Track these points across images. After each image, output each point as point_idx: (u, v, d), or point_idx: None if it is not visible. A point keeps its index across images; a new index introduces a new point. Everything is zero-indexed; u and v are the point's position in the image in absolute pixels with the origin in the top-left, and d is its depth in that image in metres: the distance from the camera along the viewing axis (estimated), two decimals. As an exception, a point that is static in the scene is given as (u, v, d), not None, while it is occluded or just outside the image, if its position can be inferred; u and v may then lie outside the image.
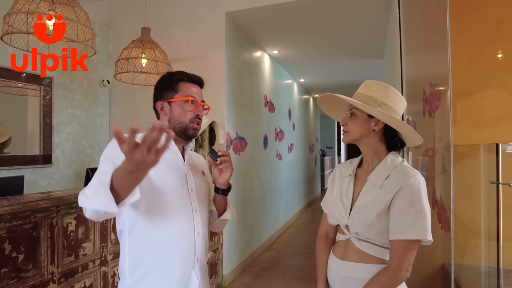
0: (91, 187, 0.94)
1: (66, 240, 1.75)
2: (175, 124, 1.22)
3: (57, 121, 3.32)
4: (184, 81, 1.25)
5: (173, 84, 1.24)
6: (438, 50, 1.89)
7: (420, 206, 1.09)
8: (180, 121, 1.22)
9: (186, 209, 1.19)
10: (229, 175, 1.25)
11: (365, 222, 1.15)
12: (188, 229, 1.18)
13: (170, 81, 1.25)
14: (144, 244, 1.13)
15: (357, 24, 3.90)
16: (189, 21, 3.62)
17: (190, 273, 1.18)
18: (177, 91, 1.23)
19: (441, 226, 1.72)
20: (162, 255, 1.13)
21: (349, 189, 1.25)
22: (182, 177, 1.21)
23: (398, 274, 1.09)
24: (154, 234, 1.13)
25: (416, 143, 1.24)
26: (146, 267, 1.12)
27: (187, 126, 1.22)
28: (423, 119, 2.11)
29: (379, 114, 1.15)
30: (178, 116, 1.22)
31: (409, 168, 1.16)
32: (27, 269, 1.55)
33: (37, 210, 1.57)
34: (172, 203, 1.16)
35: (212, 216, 1.36)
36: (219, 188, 1.28)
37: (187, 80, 1.25)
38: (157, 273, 1.12)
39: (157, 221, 1.13)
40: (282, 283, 3.52)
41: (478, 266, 2.17)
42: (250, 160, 4.24)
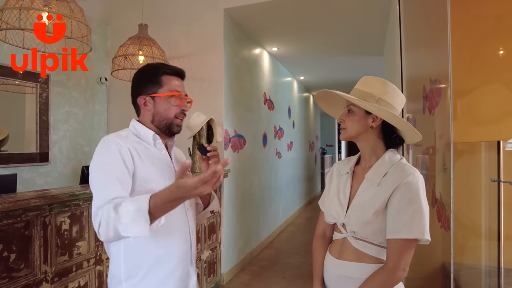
0: (127, 215, 0.93)
1: (59, 239, 1.72)
2: (160, 120, 1.19)
3: (54, 118, 3.29)
4: (167, 74, 1.20)
5: (157, 77, 1.18)
6: (439, 46, 1.86)
7: (418, 204, 1.06)
8: (165, 117, 1.18)
9: (181, 210, 1.18)
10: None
11: (361, 221, 1.12)
12: (183, 226, 1.19)
13: (153, 74, 1.19)
14: (142, 247, 1.11)
15: (357, 20, 3.86)
16: (187, 17, 3.58)
17: (188, 269, 1.20)
18: (162, 85, 1.18)
19: (441, 225, 1.70)
20: (163, 256, 1.13)
21: (346, 187, 1.23)
22: (172, 174, 1.19)
23: (395, 274, 1.07)
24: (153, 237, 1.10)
25: (415, 140, 1.21)
26: (146, 269, 1.11)
27: (172, 122, 1.19)
28: (423, 116, 2.08)
29: (377, 110, 1.12)
30: (163, 111, 1.18)
31: (407, 165, 1.14)
32: (19, 269, 1.52)
33: (28, 209, 1.54)
34: None
35: (198, 208, 1.36)
36: None
37: (171, 73, 1.21)
38: (158, 274, 1.12)
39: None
40: (281, 282, 3.50)
41: (479, 265, 2.14)
42: (249, 158, 4.22)
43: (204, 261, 3.03)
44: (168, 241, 1.14)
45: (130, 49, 2.87)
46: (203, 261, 3.01)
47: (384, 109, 1.12)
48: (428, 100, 1.92)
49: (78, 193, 1.77)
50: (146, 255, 1.11)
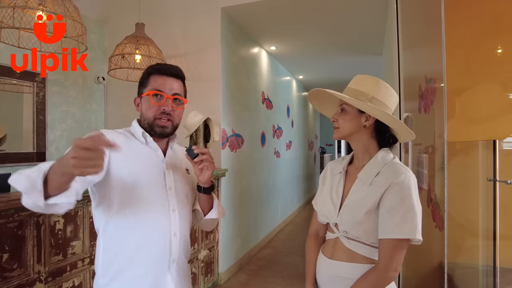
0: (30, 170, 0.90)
1: (53, 238, 1.72)
2: (144, 120, 1.17)
3: (51, 118, 3.28)
4: (154, 74, 1.17)
5: (145, 78, 1.18)
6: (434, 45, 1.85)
7: (410, 204, 1.05)
8: (146, 117, 1.16)
9: (163, 208, 1.12)
10: (209, 174, 1.16)
11: (353, 220, 1.12)
12: (164, 229, 1.12)
13: (143, 76, 1.19)
14: (116, 244, 1.09)
15: (356, 19, 3.85)
16: (185, 16, 3.57)
17: (165, 276, 1.12)
18: (146, 85, 1.17)
19: (435, 224, 1.69)
20: (134, 256, 1.08)
21: (339, 186, 1.22)
22: (159, 174, 1.15)
23: (387, 274, 1.06)
24: (127, 234, 1.08)
25: (408, 139, 1.20)
26: (117, 268, 1.08)
27: (153, 123, 1.15)
28: (419, 115, 2.07)
29: (370, 109, 1.11)
30: (144, 111, 1.16)
31: (399, 165, 1.13)
32: (12, 269, 1.52)
33: (21, 209, 1.53)
34: (147, 202, 1.10)
35: (198, 215, 1.28)
36: (200, 186, 1.20)
37: (156, 72, 1.17)
38: (128, 275, 1.07)
39: (130, 221, 1.08)
40: (279, 281, 3.49)
41: (476, 265, 2.14)
42: (247, 158, 4.21)
43: (202, 260, 3.02)
44: (141, 243, 1.08)
45: (127, 48, 2.86)
46: (200, 261, 3.00)
47: (377, 108, 1.11)
48: (424, 99, 1.91)
49: (72, 192, 1.76)
50: (119, 253, 1.08)
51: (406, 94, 2.64)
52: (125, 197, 1.07)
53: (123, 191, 1.07)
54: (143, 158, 1.15)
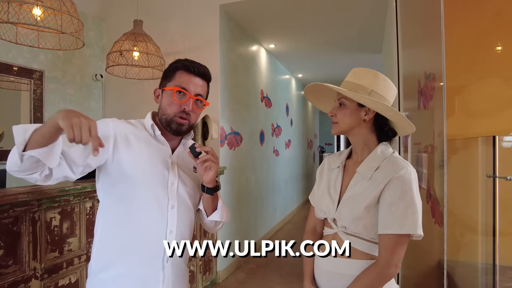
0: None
1: (49, 235, 1.70)
2: (162, 114, 1.15)
3: (49, 115, 3.26)
4: (180, 70, 1.15)
5: (171, 71, 1.16)
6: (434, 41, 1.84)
7: (410, 199, 1.04)
8: (165, 112, 1.14)
9: (161, 204, 1.10)
10: (213, 174, 1.13)
11: (353, 216, 1.10)
12: (159, 225, 1.09)
13: (169, 68, 1.17)
14: (112, 233, 1.09)
15: (355, 17, 3.84)
16: (183, 13, 3.56)
17: (157, 273, 1.10)
18: (171, 79, 1.15)
19: (435, 220, 1.67)
20: (125, 249, 1.07)
21: (337, 181, 1.20)
22: (163, 169, 1.13)
23: (387, 270, 1.04)
24: (122, 224, 1.08)
25: (408, 132, 1.18)
26: (109, 258, 1.08)
27: (171, 119, 1.13)
28: (418, 111, 2.06)
29: (371, 102, 1.09)
30: (165, 106, 1.14)
31: (399, 159, 1.11)
32: (7, 265, 1.50)
33: (16, 204, 1.51)
34: (145, 196, 1.09)
35: (201, 215, 1.25)
36: (204, 185, 1.17)
37: (184, 69, 1.15)
38: (119, 266, 1.07)
39: (127, 212, 1.08)
40: (277, 279, 3.48)
41: (475, 262, 2.13)
42: (246, 156, 4.19)
43: (200, 259, 3.01)
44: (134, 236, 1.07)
45: (125, 45, 2.85)
46: (199, 259, 2.99)
47: (378, 101, 1.08)
48: (423, 95, 1.90)
49: (68, 188, 1.75)
50: (113, 242, 1.08)
51: (406, 92, 2.63)
52: (124, 186, 1.07)
53: (123, 180, 1.07)
54: (149, 150, 1.13)
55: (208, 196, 1.18)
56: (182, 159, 1.20)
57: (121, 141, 1.08)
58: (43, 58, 3.20)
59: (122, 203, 1.08)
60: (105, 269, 1.08)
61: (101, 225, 1.11)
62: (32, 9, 2.03)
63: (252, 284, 3.40)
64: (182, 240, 1.15)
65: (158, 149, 1.14)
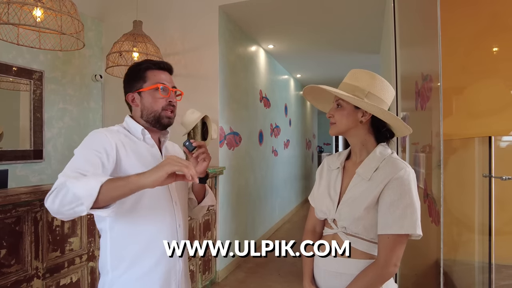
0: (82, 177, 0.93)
1: (51, 235, 1.72)
2: (148, 113, 1.20)
3: (48, 116, 3.27)
4: (151, 69, 1.21)
5: (141, 73, 1.21)
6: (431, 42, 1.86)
7: (409, 199, 1.06)
8: (152, 110, 1.19)
9: (167, 203, 1.19)
10: (206, 165, 1.24)
11: (352, 216, 1.12)
12: (170, 222, 1.19)
13: (137, 71, 1.22)
14: (127, 241, 1.13)
15: (353, 18, 3.86)
16: (182, 14, 3.57)
17: (175, 265, 1.19)
18: (146, 80, 1.20)
19: (432, 219, 1.70)
20: (146, 250, 1.13)
21: (337, 182, 1.22)
22: None
23: (386, 269, 1.06)
24: (137, 230, 1.13)
25: (405, 134, 1.20)
26: (129, 262, 1.12)
27: (160, 115, 1.20)
28: (416, 112, 2.08)
29: (366, 105, 1.11)
30: (149, 105, 1.19)
31: (398, 160, 1.13)
32: (10, 264, 1.52)
33: (19, 204, 1.53)
34: (154, 199, 1.15)
35: (191, 203, 1.37)
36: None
37: (154, 67, 1.22)
38: (141, 268, 1.12)
39: (139, 217, 1.13)
40: (276, 278, 3.50)
41: (472, 261, 2.15)
42: (245, 156, 4.21)
43: (199, 258, 3.03)
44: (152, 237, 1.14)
45: (124, 46, 2.86)
46: (198, 258, 3.01)
47: (373, 104, 1.10)
48: (420, 96, 1.92)
49: (69, 189, 1.76)
50: (129, 247, 1.13)
51: (403, 93, 2.65)
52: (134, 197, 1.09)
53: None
54: (143, 154, 1.18)
55: (199, 185, 1.32)
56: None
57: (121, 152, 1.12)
58: (43, 58, 3.21)
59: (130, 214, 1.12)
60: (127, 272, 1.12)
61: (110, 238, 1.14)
62: (33, 10, 2.04)
63: (251, 283, 3.42)
64: (185, 231, 1.26)
65: (149, 152, 1.20)
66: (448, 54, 1.69)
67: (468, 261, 2.18)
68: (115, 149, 1.10)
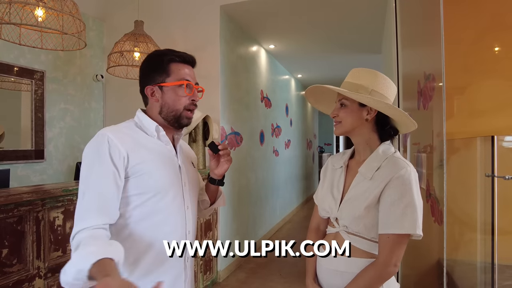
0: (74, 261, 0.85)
1: (53, 234, 1.71)
2: (168, 111, 1.11)
3: (50, 115, 3.27)
4: (175, 62, 1.11)
5: (164, 65, 1.10)
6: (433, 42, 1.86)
7: (410, 198, 1.05)
8: (174, 109, 1.10)
9: (180, 207, 1.11)
10: (227, 167, 1.23)
11: (353, 215, 1.11)
12: (180, 228, 1.10)
13: (159, 62, 1.10)
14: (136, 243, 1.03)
15: (354, 18, 3.85)
16: (183, 14, 3.57)
17: (181, 274, 1.11)
18: (169, 73, 1.09)
19: (434, 219, 1.69)
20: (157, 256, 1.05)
21: (340, 181, 1.22)
22: (176, 171, 1.12)
23: (386, 269, 1.06)
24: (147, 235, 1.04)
25: (410, 129, 1.19)
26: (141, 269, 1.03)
27: (181, 114, 1.11)
28: (418, 111, 2.08)
29: (372, 101, 1.10)
30: (172, 102, 1.10)
31: (400, 159, 1.12)
32: (12, 264, 1.51)
33: (21, 204, 1.53)
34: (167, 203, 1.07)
35: (203, 205, 1.31)
36: (215, 179, 1.25)
37: (179, 60, 1.11)
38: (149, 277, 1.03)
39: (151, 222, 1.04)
40: (277, 279, 3.50)
41: (474, 261, 2.14)
42: (246, 156, 4.21)
43: (200, 258, 3.02)
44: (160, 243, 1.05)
45: (125, 45, 2.86)
46: (199, 259, 3.00)
47: (380, 100, 1.10)
48: (423, 95, 1.91)
49: (71, 188, 1.76)
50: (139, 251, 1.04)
51: (405, 93, 2.65)
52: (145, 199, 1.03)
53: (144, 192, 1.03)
54: (157, 152, 1.09)
55: (213, 186, 1.27)
56: (184, 156, 1.20)
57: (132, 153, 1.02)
58: (44, 58, 3.21)
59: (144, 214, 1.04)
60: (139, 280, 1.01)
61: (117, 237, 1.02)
62: (34, 10, 2.04)
63: (252, 283, 3.41)
64: (194, 237, 1.18)
65: (164, 150, 1.12)
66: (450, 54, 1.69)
67: (470, 261, 2.18)
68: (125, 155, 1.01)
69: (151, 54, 1.15)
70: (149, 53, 1.17)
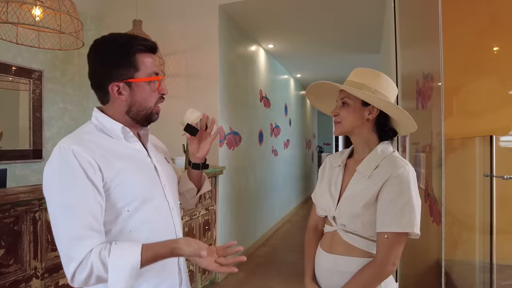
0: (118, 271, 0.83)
1: (50, 234, 1.70)
2: (139, 110, 0.98)
3: (48, 115, 3.26)
4: (141, 52, 0.96)
5: (130, 57, 0.95)
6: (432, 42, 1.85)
7: (408, 197, 1.05)
8: (146, 107, 0.99)
9: (166, 211, 1.04)
10: (209, 147, 1.16)
11: (351, 213, 1.11)
12: (170, 231, 1.05)
13: (125, 54, 0.95)
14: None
15: (353, 17, 3.85)
16: (182, 13, 3.56)
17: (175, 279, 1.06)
18: (137, 67, 0.96)
19: (433, 219, 1.69)
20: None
21: (338, 180, 1.22)
22: (153, 175, 1.03)
23: (384, 268, 1.06)
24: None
25: (410, 131, 1.19)
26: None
27: (152, 112, 1.01)
28: (416, 111, 2.08)
29: (378, 100, 1.10)
30: (143, 100, 0.98)
31: (398, 158, 1.12)
32: (8, 264, 1.51)
33: (17, 204, 1.52)
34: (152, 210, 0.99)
35: (189, 194, 1.23)
36: (198, 163, 1.17)
37: (146, 49, 0.97)
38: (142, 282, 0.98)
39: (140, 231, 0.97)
40: (276, 279, 3.49)
41: (472, 261, 2.14)
42: (245, 156, 4.20)
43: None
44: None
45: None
46: (198, 258, 2.99)
47: (385, 100, 1.10)
48: (421, 95, 1.91)
49: (69, 188, 1.75)
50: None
51: (404, 93, 2.64)
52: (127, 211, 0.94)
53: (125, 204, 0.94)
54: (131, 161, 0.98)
55: (197, 172, 1.20)
56: (155, 154, 1.09)
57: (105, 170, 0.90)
58: (42, 58, 3.20)
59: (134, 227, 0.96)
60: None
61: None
62: (32, 9, 2.04)
63: (251, 283, 3.41)
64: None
65: (136, 154, 1.01)
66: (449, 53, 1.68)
67: (469, 261, 2.18)
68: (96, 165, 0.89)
69: (107, 41, 0.98)
70: (99, 39, 1.00)
